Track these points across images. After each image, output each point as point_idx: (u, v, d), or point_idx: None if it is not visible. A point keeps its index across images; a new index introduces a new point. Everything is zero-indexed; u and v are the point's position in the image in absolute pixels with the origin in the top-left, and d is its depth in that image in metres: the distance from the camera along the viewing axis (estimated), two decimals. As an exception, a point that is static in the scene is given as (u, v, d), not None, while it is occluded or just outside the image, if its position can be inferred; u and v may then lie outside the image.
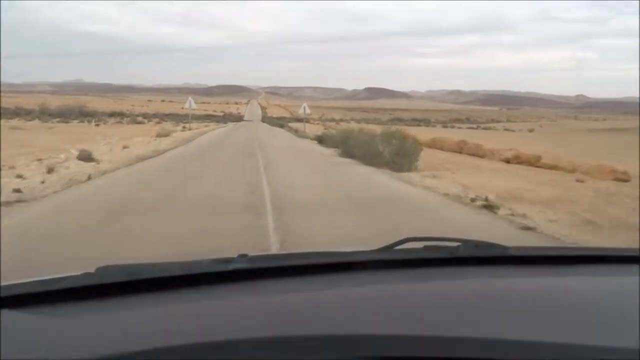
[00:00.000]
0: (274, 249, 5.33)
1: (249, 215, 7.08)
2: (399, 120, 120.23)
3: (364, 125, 78.56)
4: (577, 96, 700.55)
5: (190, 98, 44.38)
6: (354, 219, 7.11)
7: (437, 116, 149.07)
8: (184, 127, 45.30)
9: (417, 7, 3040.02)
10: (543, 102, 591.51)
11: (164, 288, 1.29)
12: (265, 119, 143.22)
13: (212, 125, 71.27)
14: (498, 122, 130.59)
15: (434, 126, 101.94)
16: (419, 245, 1.63)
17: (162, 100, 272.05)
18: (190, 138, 29.95)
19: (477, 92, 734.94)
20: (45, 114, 59.35)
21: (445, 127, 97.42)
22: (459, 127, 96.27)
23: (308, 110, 45.51)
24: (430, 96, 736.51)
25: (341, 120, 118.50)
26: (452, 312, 1.19)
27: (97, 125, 48.50)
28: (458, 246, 1.59)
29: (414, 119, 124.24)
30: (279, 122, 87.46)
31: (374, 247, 1.64)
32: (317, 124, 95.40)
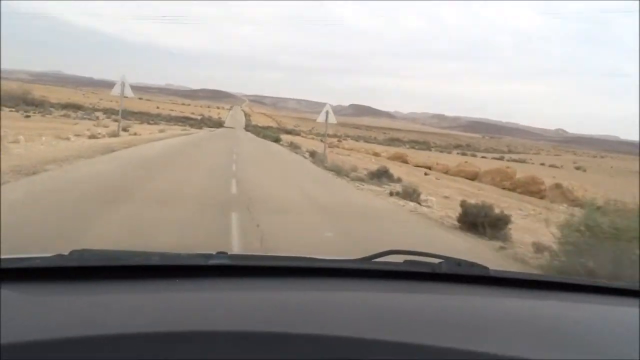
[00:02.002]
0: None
1: None
2: (398, 141, 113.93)
3: (369, 145, 69.76)
4: (557, 130, 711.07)
5: (122, 81, 27.24)
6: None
7: (433, 139, 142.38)
8: (122, 129, 31.20)
9: (405, 28, 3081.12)
10: (523, 133, 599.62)
11: (140, 277, 1.28)
12: (250, 127, 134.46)
13: (176, 129, 57.96)
14: (502, 152, 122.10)
15: (447, 152, 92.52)
16: (402, 258, 1.61)
17: (140, 98, 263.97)
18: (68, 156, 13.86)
19: (460, 118, 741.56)
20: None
21: (464, 154, 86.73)
22: (483, 157, 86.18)
23: (333, 119, 26.14)
24: (412, 118, 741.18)
25: (335, 136, 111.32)
26: (429, 324, 1.21)
27: (27, 117, 40.72)
28: (440, 263, 1.58)
29: (413, 141, 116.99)
30: (270, 133, 72.12)
31: (357, 257, 1.64)
32: (312, 138, 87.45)
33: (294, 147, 40.79)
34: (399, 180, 17.64)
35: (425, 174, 31.40)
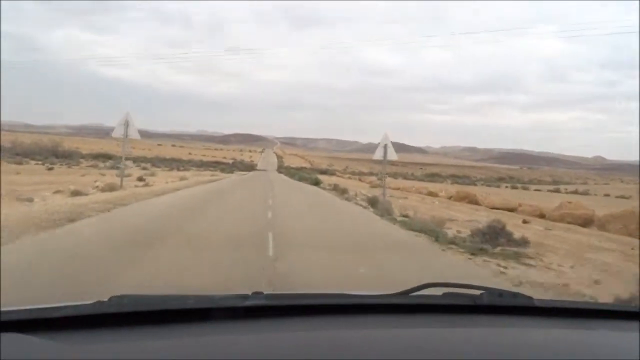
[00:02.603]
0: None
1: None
2: (437, 176, 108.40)
3: (411, 183, 65.44)
4: (595, 157, 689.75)
5: (126, 120, 21.92)
6: None
7: (472, 173, 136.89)
8: (142, 181, 29.37)
9: (430, 63, 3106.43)
10: (560, 162, 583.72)
11: (178, 320, 1.29)
12: (282, 168, 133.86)
13: (204, 175, 52.42)
14: (547, 183, 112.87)
15: (496, 186, 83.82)
16: (439, 291, 1.58)
17: (173, 145, 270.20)
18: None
19: (492, 150, 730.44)
20: (11, 152, 51.35)
21: (514, 187, 78.76)
22: (537, 190, 77.32)
23: (393, 154, 21.05)
24: (444, 152, 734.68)
25: (371, 173, 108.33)
26: (472, 358, 1.17)
27: (50, 169, 40.00)
28: (481, 294, 1.54)
29: (453, 176, 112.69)
30: (305, 174, 65.38)
31: (393, 291, 1.59)
32: (349, 177, 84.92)
33: (339, 191, 32.82)
34: (524, 243, 11.07)
35: (524, 221, 21.39)
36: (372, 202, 21.53)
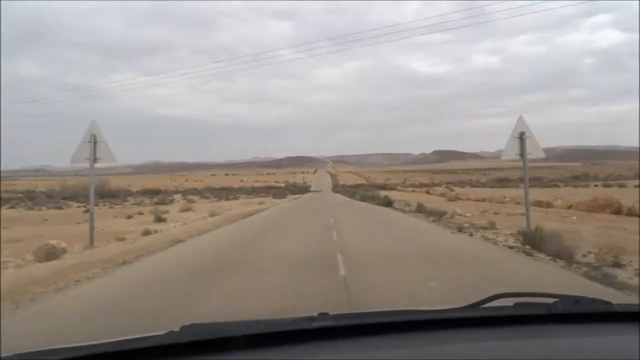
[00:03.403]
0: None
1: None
2: (507, 180, 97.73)
3: (483, 191, 55.46)
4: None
5: (92, 133, 13.40)
6: None
7: (540, 174, 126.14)
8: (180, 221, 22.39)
9: (478, 69, 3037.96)
10: (629, 154, 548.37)
11: (250, 346, 1.30)
12: (338, 187, 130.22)
13: (251, 204, 44.11)
14: (628, 177, 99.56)
15: (583, 186, 68.18)
16: (511, 302, 1.53)
17: (226, 174, 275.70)
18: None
19: (554, 149, 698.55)
20: (54, 197, 52.06)
21: (609, 186, 63.41)
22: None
23: (540, 151, 12.65)
24: (500, 155, 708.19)
25: (433, 184, 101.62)
26: None
27: (86, 211, 39.02)
28: (555, 302, 1.49)
29: (522, 179, 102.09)
30: (368, 193, 55.60)
31: (462, 304, 1.56)
32: (412, 191, 77.65)
33: (429, 213, 22.22)
34: None
35: None
36: (530, 237, 11.09)
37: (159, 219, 24.36)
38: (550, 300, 1.47)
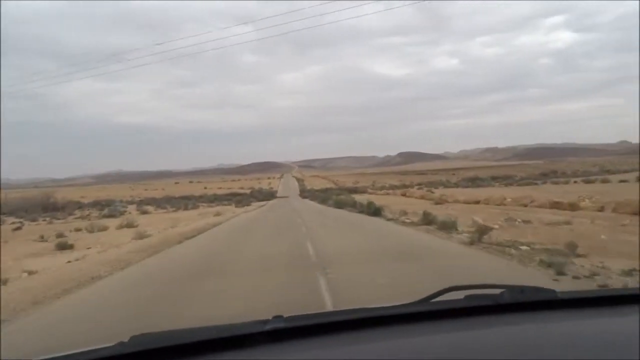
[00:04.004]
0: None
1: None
2: (478, 179, 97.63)
3: (460, 191, 51.16)
4: (621, 142, 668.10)
5: None
6: None
7: (510, 172, 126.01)
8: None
9: (439, 71, 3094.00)
10: (585, 151, 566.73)
11: (202, 352, 1.29)
12: (306, 192, 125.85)
13: (208, 215, 37.86)
14: (592, 173, 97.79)
15: (566, 182, 66.03)
16: (461, 294, 1.56)
17: (190, 182, 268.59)
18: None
19: (515, 148, 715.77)
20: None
21: (590, 182, 60.75)
22: (624, 181, 54.41)
23: None
24: (464, 155, 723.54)
25: (404, 185, 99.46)
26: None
27: (17, 229, 34.54)
28: (502, 292, 1.53)
29: (494, 177, 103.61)
30: (340, 197, 49.73)
31: (414, 299, 1.57)
32: (386, 193, 74.12)
33: (440, 224, 17.01)
34: None
35: None
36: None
37: (63, 247, 19.47)
38: (498, 291, 1.50)
